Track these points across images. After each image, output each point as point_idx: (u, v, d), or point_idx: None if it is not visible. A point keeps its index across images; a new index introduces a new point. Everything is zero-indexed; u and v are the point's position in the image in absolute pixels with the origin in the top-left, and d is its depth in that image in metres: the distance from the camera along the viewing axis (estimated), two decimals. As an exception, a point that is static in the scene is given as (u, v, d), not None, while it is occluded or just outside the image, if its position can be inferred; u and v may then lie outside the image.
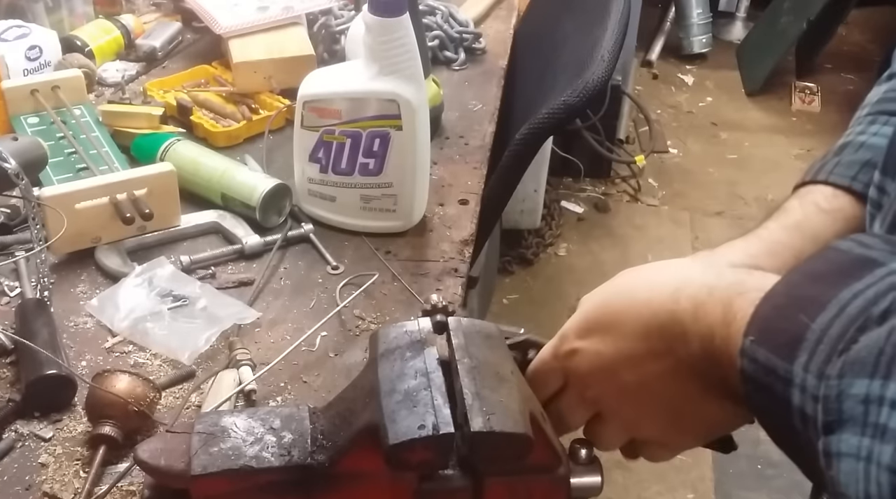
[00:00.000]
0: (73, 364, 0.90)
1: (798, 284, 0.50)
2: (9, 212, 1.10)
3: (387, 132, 1.09)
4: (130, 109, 1.30)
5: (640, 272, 0.64)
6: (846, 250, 0.50)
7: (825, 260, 0.51)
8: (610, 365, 0.62)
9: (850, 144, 0.79)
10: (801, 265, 0.52)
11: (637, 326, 0.60)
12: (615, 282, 0.65)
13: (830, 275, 0.49)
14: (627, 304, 0.62)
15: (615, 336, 0.61)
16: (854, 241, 0.51)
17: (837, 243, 0.51)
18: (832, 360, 0.45)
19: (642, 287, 0.62)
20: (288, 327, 0.98)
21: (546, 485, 0.67)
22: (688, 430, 0.64)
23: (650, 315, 0.59)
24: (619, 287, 0.64)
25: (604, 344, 0.62)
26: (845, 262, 0.49)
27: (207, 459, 0.66)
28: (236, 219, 1.13)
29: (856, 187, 0.75)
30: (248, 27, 1.44)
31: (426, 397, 0.61)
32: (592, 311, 0.64)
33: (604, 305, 0.64)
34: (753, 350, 0.50)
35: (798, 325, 0.47)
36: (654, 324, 0.59)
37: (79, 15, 1.53)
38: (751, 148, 3.51)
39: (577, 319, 0.65)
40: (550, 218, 2.90)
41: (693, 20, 3.97)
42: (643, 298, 0.60)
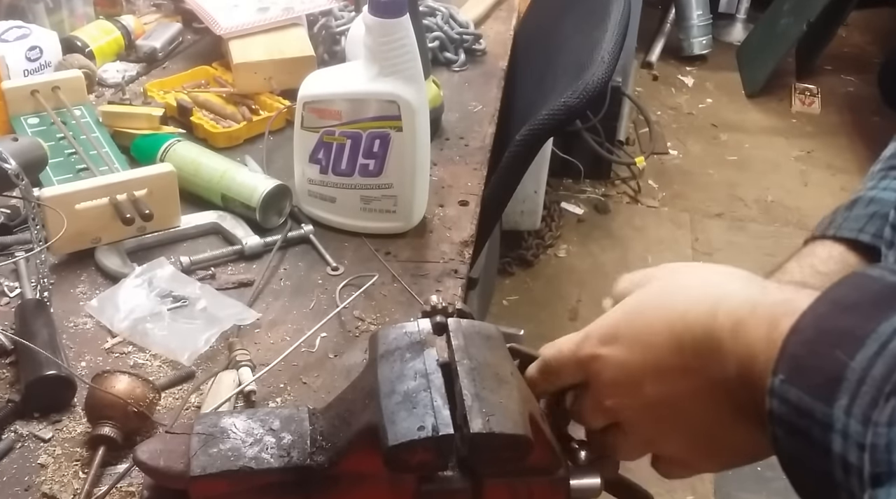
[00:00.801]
0: (72, 365, 0.90)
1: (827, 315, 0.47)
2: (9, 212, 1.10)
3: (387, 133, 1.09)
4: (131, 110, 1.30)
5: (679, 277, 0.61)
6: (878, 278, 0.47)
7: (855, 288, 0.47)
8: (635, 377, 0.59)
9: (861, 199, 0.77)
10: (827, 294, 0.48)
11: (669, 338, 0.57)
12: (651, 287, 0.61)
13: (863, 305, 0.45)
14: (661, 313, 0.58)
15: (644, 347, 0.58)
16: (885, 269, 0.48)
17: (867, 269, 0.48)
18: (879, 404, 0.41)
19: (679, 296, 0.58)
20: (287, 328, 0.98)
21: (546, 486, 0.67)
22: (712, 454, 0.61)
23: (684, 328, 0.56)
24: (653, 293, 0.60)
25: (630, 353, 0.59)
26: (878, 291, 0.46)
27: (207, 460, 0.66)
28: (236, 220, 1.13)
29: (862, 239, 0.74)
30: (249, 28, 1.44)
31: (426, 398, 0.61)
32: (622, 316, 0.61)
33: (636, 311, 0.60)
34: (784, 390, 0.46)
35: (834, 362, 0.44)
36: (687, 338, 0.55)
37: (79, 16, 1.53)
38: (751, 149, 3.51)
39: (606, 322, 0.62)
40: (550, 219, 2.90)
41: (693, 21, 3.97)
42: (679, 310, 0.56)
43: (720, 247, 2.95)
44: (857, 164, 3.40)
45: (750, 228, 3.06)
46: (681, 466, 0.64)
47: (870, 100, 3.79)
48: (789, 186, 3.30)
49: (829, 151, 3.50)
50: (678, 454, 0.63)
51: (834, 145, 3.53)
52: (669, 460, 0.64)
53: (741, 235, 3.03)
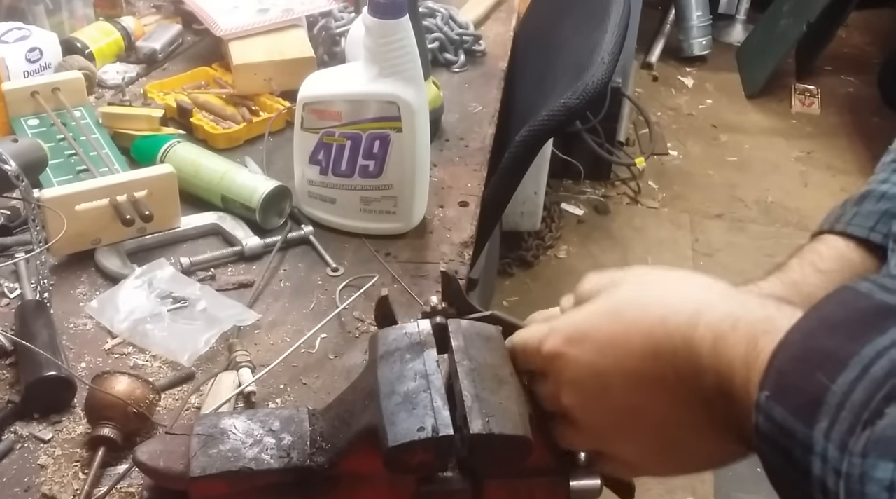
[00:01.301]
0: (72, 366, 0.90)
1: (814, 333, 0.46)
2: (9, 213, 1.10)
3: (387, 134, 1.09)
4: (131, 111, 1.30)
5: (656, 283, 0.59)
6: (866, 294, 0.46)
7: (843, 305, 0.47)
8: (602, 381, 0.58)
9: (872, 193, 0.76)
10: (817, 309, 0.48)
11: (646, 345, 0.55)
12: (625, 290, 0.59)
13: (850, 324, 0.45)
14: (638, 318, 0.56)
15: (616, 351, 0.57)
16: (874, 283, 0.47)
17: (856, 284, 0.47)
18: (856, 431, 0.41)
19: (656, 302, 0.56)
20: (287, 329, 0.98)
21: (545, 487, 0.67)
22: (671, 459, 0.60)
23: (664, 335, 0.54)
24: (630, 297, 0.59)
25: (600, 357, 0.57)
26: (865, 309, 0.46)
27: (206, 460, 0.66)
28: (236, 221, 1.13)
29: (874, 239, 0.73)
30: (249, 29, 1.44)
31: (425, 399, 0.61)
32: (594, 317, 0.59)
33: (611, 313, 0.58)
34: (770, 407, 0.46)
35: (817, 384, 0.44)
36: (666, 346, 0.54)
37: (79, 17, 1.53)
38: (751, 150, 3.51)
39: (574, 320, 0.60)
40: (550, 220, 2.90)
41: (693, 22, 3.97)
42: (658, 316, 0.55)
43: (720, 248, 2.95)
44: (858, 164, 3.40)
45: (750, 229, 3.06)
46: (629, 467, 0.63)
47: (870, 100, 3.79)
48: (789, 186, 3.30)
49: (829, 152, 3.50)
50: (630, 457, 0.62)
51: (834, 146, 3.53)
52: (616, 459, 0.63)
53: (741, 235, 3.03)
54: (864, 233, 0.74)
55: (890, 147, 0.81)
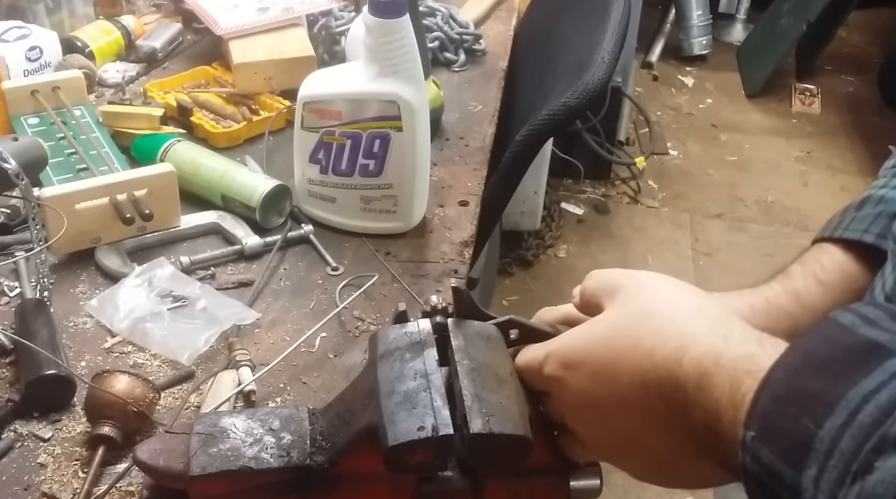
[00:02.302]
0: (72, 364, 0.90)
1: (798, 372, 0.46)
2: (9, 212, 1.10)
3: (387, 133, 1.09)
4: (131, 110, 1.30)
5: (647, 301, 0.59)
6: (848, 327, 0.46)
7: (826, 341, 0.46)
8: (599, 407, 0.59)
9: (871, 198, 0.77)
10: (800, 343, 0.48)
11: (634, 376, 0.56)
12: (618, 312, 0.60)
13: (834, 364, 0.45)
14: (627, 348, 0.57)
15: (608, 380, 0.58)
16: (857, 314, 0.47)
17: (838, 315, 0.47)
18: (845, 483, 0.41)
19: (645, 331, 0.57)
20: (287, 328, 0.98)
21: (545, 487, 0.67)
22: (672, 480, 0.61)
23: (651, 368, 0.55)
24: (620, 323, 0.59)
25: (594, 384, 0.58)
26: (849, 346, 0.45)
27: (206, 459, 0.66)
28: (236, 220, 1.13)
29: (866, 240, 0.74)
30: (249, 28, 1.44)
31: (425, 398, 0.61)
32: (586, 343, 0.60)
33: (601, 341, 0.59)
34: (756, 448, 0.46)
35: (804, 429, 0.44)
36: (653, 379, 0.55)
37: (79, 16, 1.53)
38: (751, 150, 3.51)
39: (569, 344, 0.61)
40: (550, 219, 2.90)
41: (693, 22, 3.97)
42: (646, 348, 0.56)
43: (720, 247, 2.95)
44: (857, 164, 3.40)
45: (750, 229, 3.06)
46: (638, 478, 0.64)
47: (870, 100, 3.79)
48: (789, 186, 3.30)
49: (829, 152, 3.50)
50: (634, 473, 0.63)
51: (834, 146, 3.53)
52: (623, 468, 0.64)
53: (741, 235, 3.03)
54: (858, 235, 0.75)
55: (894, 150, 0.81)
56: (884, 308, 0.47)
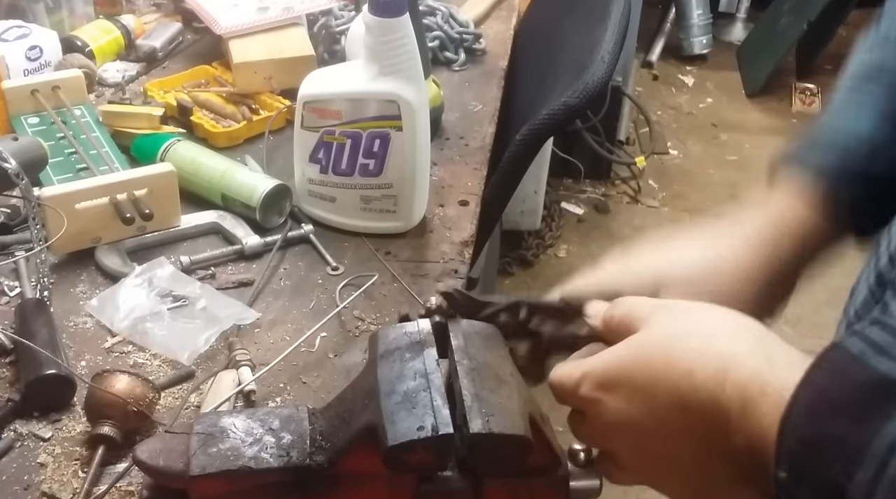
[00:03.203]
0: (72, 364, 0.90)
1: (817, 412, 0.45)
2: (9, 212, 1.10)
3: (387, 133, 1.09)
4: (131, 110, 1.30)
5: (683, 324, 0.57)
6: (859, 358, 0.45)
7: (840, 377, 0.45)
8: (638, 430, 0.57)
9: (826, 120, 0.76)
10: (814, 378, 0.46)
11: (673, 397, 0.54)
12: (654, 332, 0.58)
13: (852, 405, 0.44)
14: (665, 369, 0.55)
15: (646, 401, 0.56)
16: (866, 340, 0.46)
17: (847, 343, 0.46)
18: None
19: (683, 351, 0.55)
20: (287, 328, 0.98)
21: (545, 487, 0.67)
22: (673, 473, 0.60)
23: (690, 389, 0.53)
24: (656, 343, 0.57)
25: (632, 406, 0.57)
26: (864, 385, 0.44)
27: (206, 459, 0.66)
28: (236, 219, 1.13)
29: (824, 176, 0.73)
30: (249, 28, 1.44)
31: (425, 398, 0.61)
32: (623, 363, 0.58)
33: (637, 361, 0.57)
34: (792, 490, 0.46)
35: (835, 479, 0.44)
36: (693, 401, 0.53)
37: (79, 15, 1.53)
38: (751, 149, 3.51)
39: (605, 365, 0.59)
40: (550, 219, 2.90)
41: (693, 21, 3.97)
42: (684, 369, 0.54)
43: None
44: (858, 164, 3.40)
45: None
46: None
47: (870, 100, 3.79)
48: (789, 186, 3.30)
49: (830, 151, 3.49)
50: (673, 496, 0.62)
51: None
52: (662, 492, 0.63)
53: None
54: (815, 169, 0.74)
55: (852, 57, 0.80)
56: (890, 329, 0.46)
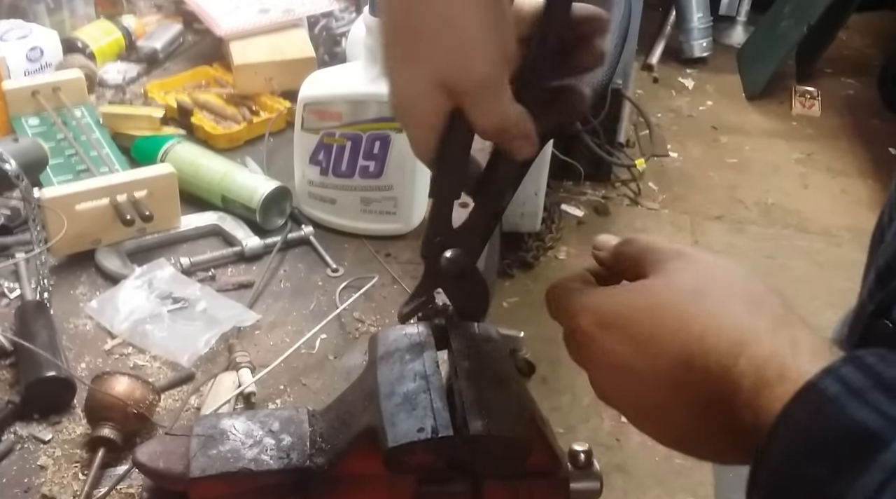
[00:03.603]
0: (72, 366, 0.90)
1: (798, 452, 0.45)
2: (9, 213, 1.10)
3: (387, 135, 1.09)
4: (131, 111, 1.30)
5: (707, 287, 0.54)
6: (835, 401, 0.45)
7: (816, 417, 0.45)
8: (631, 372, 0.55)
9: None
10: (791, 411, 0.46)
11: (679, 356, 0.52)
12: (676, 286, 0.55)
13: (828, 451, 0.44)
14: (675, 324, 0.53)
15: (649, 349, 0.54)
16: (841, 382, 0.45)
17: (823, 384, 0.45)
18: None
19: (699, 314, 0.52)
20: (287, 330, 0.98)
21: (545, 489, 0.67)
22: (689, 451, 0.57)
23: (699, 353, 0.51)
24: (677, 297, 0.54)
25: (631, 353, 0.54)
26: (840, 431, 0.44)
27: (206, 461, 0.66)
28: (236, 221, 1.13)
29: None
30: (249, 29, 1.44)
31: (425, 399, 0.61)
32: (629, 306, 0.55)
33: (646, 309, 0.54)
34: None
35: None
36: (699, 364, 0.51)
37: (80, 16, 1.53)
38: (751, 152, 3.51)
39: (608, 302, 0.56)
40: (550, 221, 2.90)
41: (693, 24, 3.98)
42: (696, 331, 0.52)
43: (720, 249, 2.95)
44: (858, 166, 3.40)
45: (750, 231, 3.06)
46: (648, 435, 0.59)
47: (870, 102, 3.79)
48: (789, 188, 3.30)
49: (830, 154, 3.50)
50: (648, 433, 0.58)
51: (834, 148, 3.53)
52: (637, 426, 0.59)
53: (741, 237, 3.03)
54: None
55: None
56: (865, 370, 0.46)
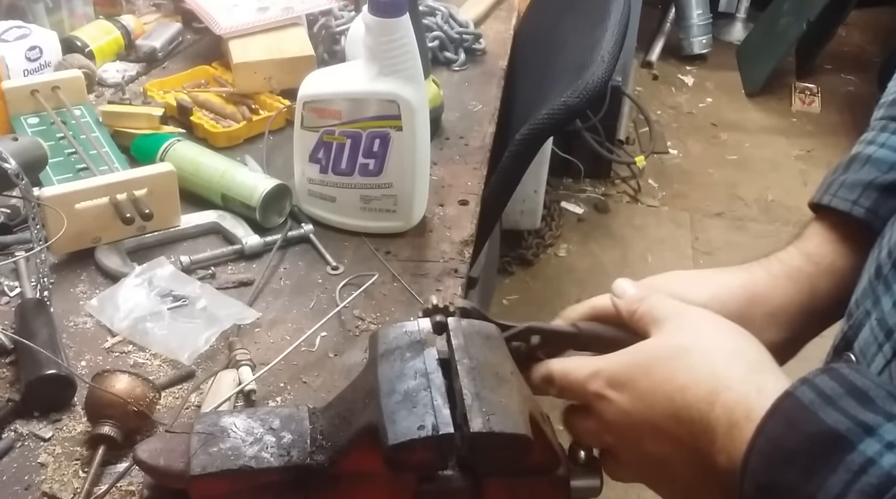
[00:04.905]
0: (72, 364, 0.90)
1: (773, 462, 0.49)
2: (9, 212, 1.10)
3: (387, 133, 1.09)
4: (130, 110, 1.30)
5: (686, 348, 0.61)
6: (808, 409, 0.48)
7: (790, 427, 0.49)
8: (636, 429, 0.61)
9: (858, 157, 0.76)
10: (768, 427, 0.50)
11: (668, 408, 0.59)
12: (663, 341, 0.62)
13: (801, 456, 0.48)
14: (664, 380, 0.59)
15: (646, 406, 0.60)
16: (815, 390, 0.49)
17: (799, 391, 0.50)
18: None
19: (683, 367, 0.59)
20: (287, 328, 0.98)
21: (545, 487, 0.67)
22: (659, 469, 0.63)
23: (683, 404, 0.58)
24: (662, 353, 0.62)
25: (634, 406, 0.61)
26: (812, 437, 0.48)
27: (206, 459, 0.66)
28: (236, 219, 1.13)
29: (856, 213, 0.73)
30: (249, 28, 1.44)
31: (426, 397, 0.61)
32: (631, 366, 0.62)
33: (643, 368, 0.62)
34: None
35: None
36: (685, 415, 0.57)
37: (79, 16, 1.53)
38: (751, 149, 3.51)
39: (617, 364, 0.63)
40: (550, 219, 2.90)
41: (693, 21, 3.97)
42: (680, 383, 0.58)
43: (720, 246, 2.95)
44: (857, 163, 3.39)
45: (750, 228, 3.06)
46: None
47: (870, 99, 3.77)
48: (789, 185, 3.30)
49: (830, 151, 3.49)
50: (663, 496, 0.65)
51: (834, 144, 3.53)
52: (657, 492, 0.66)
53: (741, 234, 3.03)
54: (847, 207, 0.74)
55: (880, 100, 0.80)
56: (838, 378, 0.49)
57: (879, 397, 0.48)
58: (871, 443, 0.45)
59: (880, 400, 0.47)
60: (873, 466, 0.45)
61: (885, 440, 0.45)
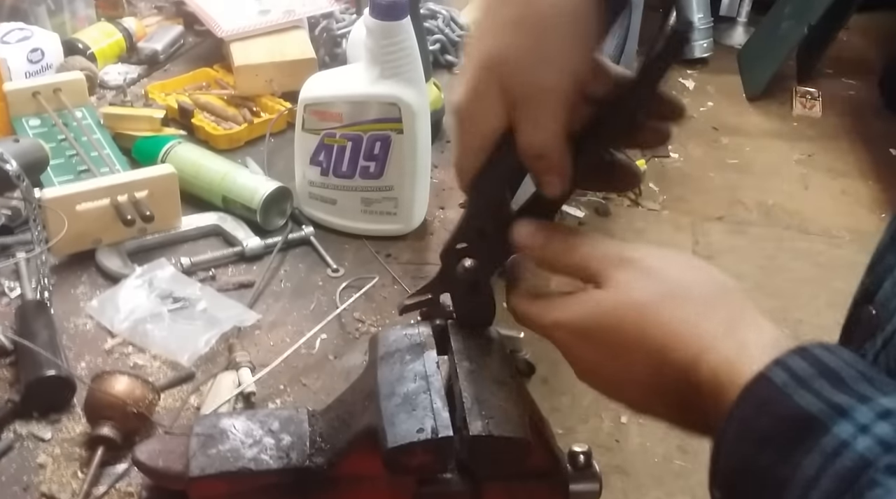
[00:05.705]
0: (72, 365, 0.90)
1: (746, 446, 0.48)
2: (10, 213, 1.10)
3: (388, 135, 1.09)
4: (132, 112, 1.30)
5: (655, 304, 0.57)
6: (782, 390, 0.48)
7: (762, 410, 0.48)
8: (609, 376, 0.58)
9: None
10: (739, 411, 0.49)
11: (648, 365, 0.56)
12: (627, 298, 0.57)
13: (777, 439, 0.47)
14: (638, 337, 0.56)
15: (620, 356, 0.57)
16: (788, 371, 0.48)
17: (771, 372, 0.48)
18: None
19: (655, 327, 0.56)
20: (287, 330, 0.98)
21: (544, 490, 0.67)
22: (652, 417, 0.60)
23: (664, 362, 0.55)
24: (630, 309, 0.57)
25: (607, 359, 0.57)
26: (785, 420, 0.47)
27: (205, 460, 0.66)
28: (237, 221, 1.13)
29: None
30: (250, 30, 1.44)
31: (425, 400, 0.61)
32: (596, 322, 0.58)
33: (613, 324, 0.57)
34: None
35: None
36: (667, 371, 0.55)
37: (81, 18, 1.53)
38: (752, 153, 3.51)
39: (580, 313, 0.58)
40: (551, 222, 2.90)
41: (694, 25, 3.97)
42: (657, 343, 0.55)
43: (721, 250, 2.95)
44: (858, 167, 3.39)
45: (750, 232, 3.06)
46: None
47: (871, 103, 3.79)
48: (790, 189, 3.30)
49: (830, 155, 3.50)
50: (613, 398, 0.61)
51: (835, 149, 3.53)
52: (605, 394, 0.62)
53: (742, 238, 3.02)
54: None
55: None
56: (809, 358, 0.48)
57: (851, 377, 0.47)
58: (844, 425, 0.45)
59: (851, 381, 0.47)
60: (846, 448, 0.45)
61: (858, 423, 0.45)
